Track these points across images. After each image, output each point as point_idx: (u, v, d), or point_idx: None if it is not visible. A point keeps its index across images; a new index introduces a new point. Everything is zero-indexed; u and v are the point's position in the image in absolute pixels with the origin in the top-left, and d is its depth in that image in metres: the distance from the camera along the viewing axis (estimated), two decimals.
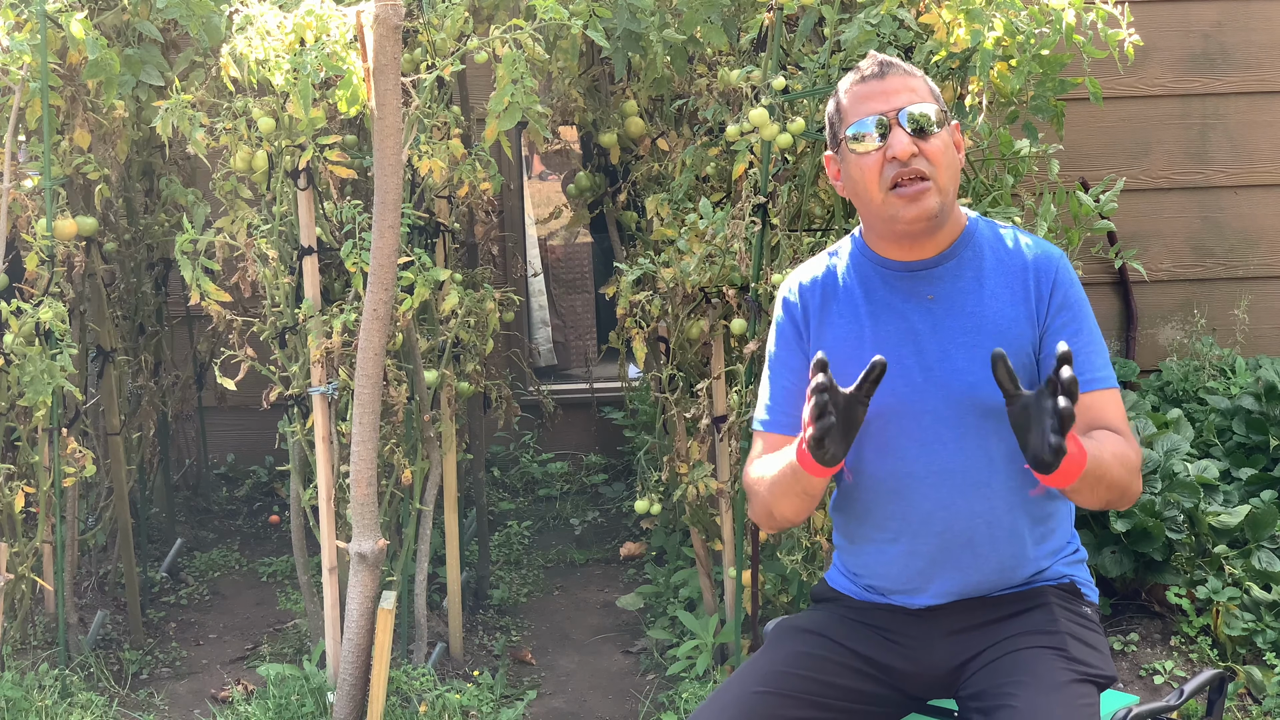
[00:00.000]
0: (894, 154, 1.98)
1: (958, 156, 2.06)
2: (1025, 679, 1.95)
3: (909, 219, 2.01)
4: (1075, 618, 2.08)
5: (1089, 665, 2.01)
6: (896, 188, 2.00)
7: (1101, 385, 2.04)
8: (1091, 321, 2.07)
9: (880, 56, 2.08)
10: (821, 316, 2.14)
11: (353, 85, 2.81)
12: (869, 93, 2.03)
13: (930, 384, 2.04)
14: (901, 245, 2.08)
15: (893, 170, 1.99)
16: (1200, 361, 4.55)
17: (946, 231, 2.07)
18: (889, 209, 2.02)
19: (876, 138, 2.00)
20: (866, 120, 2.01)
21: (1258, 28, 4.70)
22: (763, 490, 2.09)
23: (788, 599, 3.46)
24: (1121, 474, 1.95)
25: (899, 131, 1.99)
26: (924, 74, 2.09)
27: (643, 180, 3.75)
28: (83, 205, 3.63)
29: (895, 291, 2.09)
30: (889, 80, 2.03)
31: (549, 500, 5.00)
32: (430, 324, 3.56)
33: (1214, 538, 3.63)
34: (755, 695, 2.03)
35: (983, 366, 2.01)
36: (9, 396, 3.38)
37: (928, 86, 2.05)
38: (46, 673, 3.43)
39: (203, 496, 4.90)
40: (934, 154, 2.00)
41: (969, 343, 2.04)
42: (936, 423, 2.03)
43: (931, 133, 2.00)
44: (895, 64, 2.05)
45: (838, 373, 2.05)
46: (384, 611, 2.95)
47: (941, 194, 2.01)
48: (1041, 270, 2.06)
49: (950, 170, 2.02)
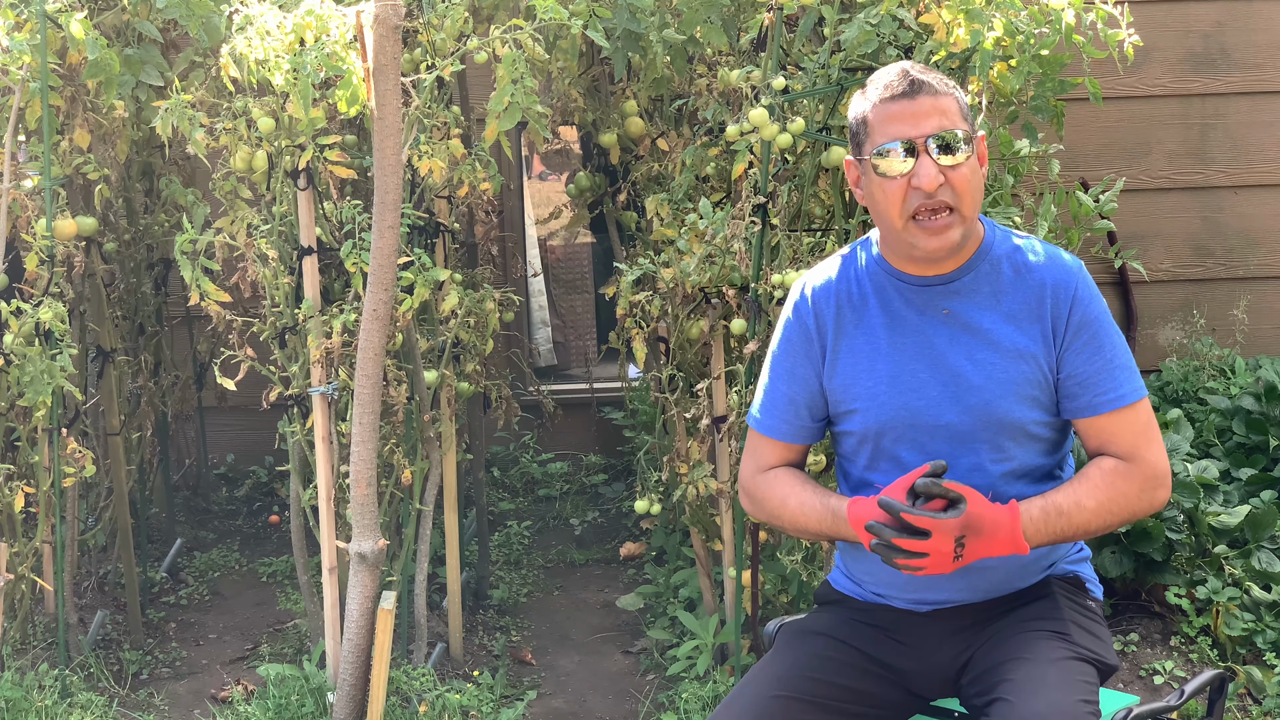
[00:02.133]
0: (919, 185, 1.93)
1: (982, 173, 2.01)
2: (1023, 656, 1.96)
3: (929, 250, 1.98)
4: (1078, 608, 2.10)
5: (1088, 649, 2.02)
6: (918, 219, 1.96)
7: (1119, 404, 2.01)
8: (1112, 334, 2.04)
9: (912, 72, 1.98)
10: (838, 326, 2.11)
11: (353, 85, 2.81)
12: (898, 113, 1.96)
13: (945, 398, 2.03)
14: (919, 265, 2.06)
15: (916, 200, 1.95)
16: (1200, 361, 4.55)
17: (965, 247, 2.04)
18: (909, 236, 1.98)
19: (902, 163, 1.95)
20: (893, 143, 1.95)
21: (1258, 28, 4.70)
22: (785, 512, 2.12)
23: (788, 599, 3.47)
24: (1110, 518, 1.98)
25: (926, 161, 1.93)
26: (954, 86, 2.00)
27: (643, 180, 3.75)
28: (83, 205, 3.63)
29: (911, 305, 2.07)
30: (919, 101, 1.95)
31: (549, 500, 5.00)
32: (430, 324, 3.56)
33: (1214, 538, 3.63)
34: (772, 700, 2.03)
35: (998, 383, 2.01)
36: (9, 396, 3.38)
37: (958, 105, 1.98)
38: (46, 673, 3.43)
39: (203, 496, 4.90)
40: (960, 182, 1.94)
41: (985, 359, 2.03)
42: (950, 437, 2.03)
43: (960, 159, 1.94)
44: (926, 82, 1.96)
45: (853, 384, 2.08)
46: (384, 611, 2.94)
47: (965, 223, 1.97)
48: (1060, 289, 2.02)
49: (974, 196, 1.98)
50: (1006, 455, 2.03)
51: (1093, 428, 2.02)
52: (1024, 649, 1.98)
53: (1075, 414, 2.03)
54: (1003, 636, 2.03)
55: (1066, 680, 1.92)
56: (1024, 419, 2.02)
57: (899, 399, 2.05)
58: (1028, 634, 2.01)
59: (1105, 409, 2.01)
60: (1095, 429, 2.01)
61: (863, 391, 2.07)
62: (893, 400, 2.05)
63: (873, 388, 2.07)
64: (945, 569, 1.89)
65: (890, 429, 2.05)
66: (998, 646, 2.02)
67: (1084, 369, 2.01)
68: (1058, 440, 2.09)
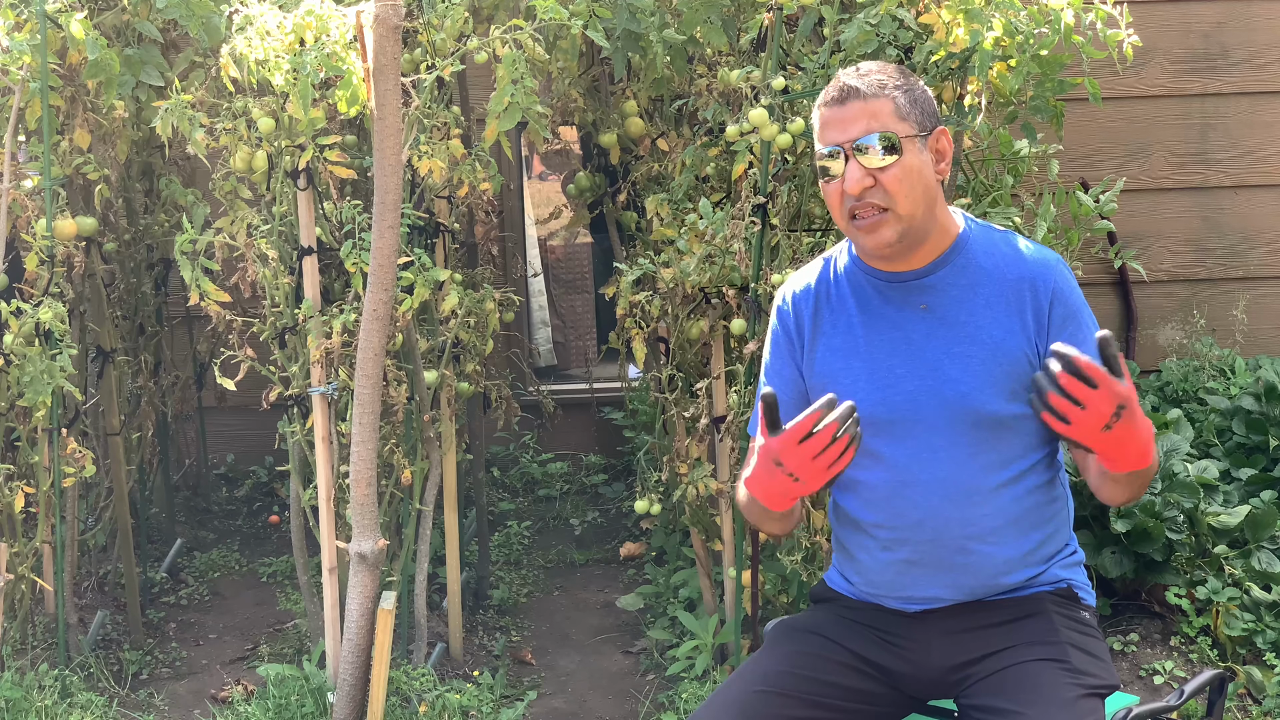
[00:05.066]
0: (846, 188, 2.00)
1: (941, 169, 2.04)
2: (1031, 696, 1.94)
3: (869, 248, 2.04)
4: (1074, 625, 2.08)
5: (1093, 676, 2.00)
6: (855, 219, 2.02)
7: None
8: (1094, 326, 2.05)
9: (846, 78, 2.04)
10: (815, 326, 2.15)
11: (353, 85, 2.81)
12: (830, 119, 2.03)
13: (923, 393, 2.04)
14: (884, 261, 2.09)
15: (849, 202, 2.01)
16: (1200, 362, 4.55)
17: (934, 242, 2.06)
18: (852, 235, 2.06)
19: (836, 167, 2.01)
20: (827, 148, 2.03)
21: (1258, 28, 4.70)
22: (747, 514, 2.16)
23: (788, 599, 3.47)
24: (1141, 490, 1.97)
25: (853, 165, 1.99)
26: (896, 86, 2.02)
27: (643, 180, 3.75)
28: (83, 205, 3.63)
29: (889, 301, 2.10)
30: (848, 107, 2.01)
31: (549, 500, 5.00)
32: (430, 324, 3.56)
33: (1214, 538, 3.63)
34: (756, 695, 2.04)
35: (975, 376, 2.02)
36: (9, 396, 3.38)
37: (893, 107, 2.00)
38: (46, 673, 3.43)
39: (203, 497, 4.90)
40: (891, 183, 1.98)
41: (962, 352, 2.03)
42: (928, 431, 2.04)
43: (887, 160, 1.98)
44: (856, 88, 2.01)
45: (831, 382, 2.11)
46: (384, 612, 2.95)
47: (903, 220, 2.00)
48: (1040, 281, 2.04)
49: (913, 194, 2.00)
50: (985, 448, 2.02)
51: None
52: (1030, 686, 1.96)
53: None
54: (1003, 664, 2.01)
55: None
56: (1002, 412, 2.02)
57: (877, 394, 2.06)
58: (1031, 665, 1.99)
59: None
60: None
61: (841, 388, 2.08)
62: (871, 395, 2.06)
63: (851, 384, 2.08)
64: (1093, 432, 1.78)
65: (869, 424, 2.05)
66: (1001, 677, 2.00)
67: None
68: (1037, 434, 2.06)
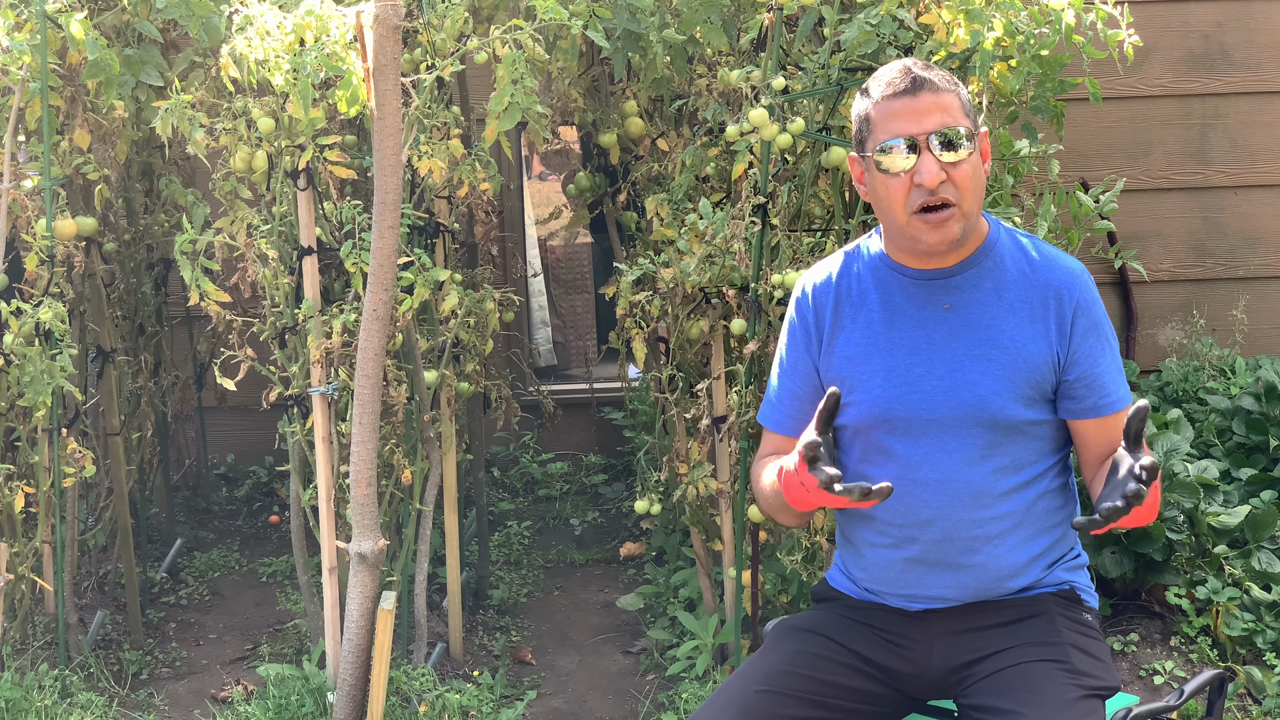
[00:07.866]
0: (921, 181, 1.95)
1: (984, 169, 2.02)
2: (1032, 697, 1.94)
3: (931, 243, 2.00)
4: (1076, 626, 2.08)
5: (1093, 677, 2.00)
6: (922, 212, 1.98)
7: (1124, 404, 2.04)
8: (1112, 339, 2.07)
9: (914, 69, 1.99)
10: (835, 319, 2.13)
11: (353, 85, 2.81)
12: (900, 110, 1.97)
13: (941, 393, 2.04)
14: (921, 258, 2.07)
15: (919, 196, 1.96)
16: (1200, 362, 4.55)
17: (968, 242, 2.05)
18: (912, 230, 2.00)
19: (905, 159, 1.96)
20: (896, 140, 1.96)
21: (1258, 28, 4.70)
22: (763, 501, 2.15)
23: (788, 599, 3.47)
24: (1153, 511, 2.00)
25: (928, 158, 1.95)
26: (956, 83, 2.01)
27: (643, 180, 3.75)
28: (83, 205, 3.63)
29: (913, 299, 2.08)
30: (921, 98, 1.96)
31: (549, 500, 5.00)
32: (430, 324, 3.56)
33: (1214, 538, 3.63)
34: (756, 694, 2.03)
35: (995, 379, 2.02)
36: (9, 396, 3.38)
37: (960, 102, 1.99)
38: (46, 673, 3.43)
39: (203, 497, 4.90)
40: (961, 179, 1.96)
41: (983, 355, 2.03)
42: (943, 431, 2.03)
43: (962, 155, 1.95)
44: (928, 79, 1.98)
45: (849, 376, 2.09)
46: (384, 612, 2.95)
47: (966, 218, 1.99)
48: (1065, 291, 2.04)
49: (976, 192, 1.99)
50: (999, 452, 2.03)
51: (1104, 427, 2.03)
52: (1031, 686, 1.96)
53: (1079, 415, 2.04)
54: (1004, 664, 2.01)
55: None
56: (1019, 417, 2.02)
57: (894, 391, 2.05)
58: (1032, 665, 1.99)
59: (1110, 410, 2.03)
60: (1104, 429, 2.03)
61: (858, 384, 2.08)
62: (888, 393, 2.06)
63: (868, 380, 2.08)
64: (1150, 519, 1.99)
65: (884, 421, 2.05)
66: (1001, 677, 2.00)
67: (1091, 371, 2.03)
68: (1052, 440, 2.08)
